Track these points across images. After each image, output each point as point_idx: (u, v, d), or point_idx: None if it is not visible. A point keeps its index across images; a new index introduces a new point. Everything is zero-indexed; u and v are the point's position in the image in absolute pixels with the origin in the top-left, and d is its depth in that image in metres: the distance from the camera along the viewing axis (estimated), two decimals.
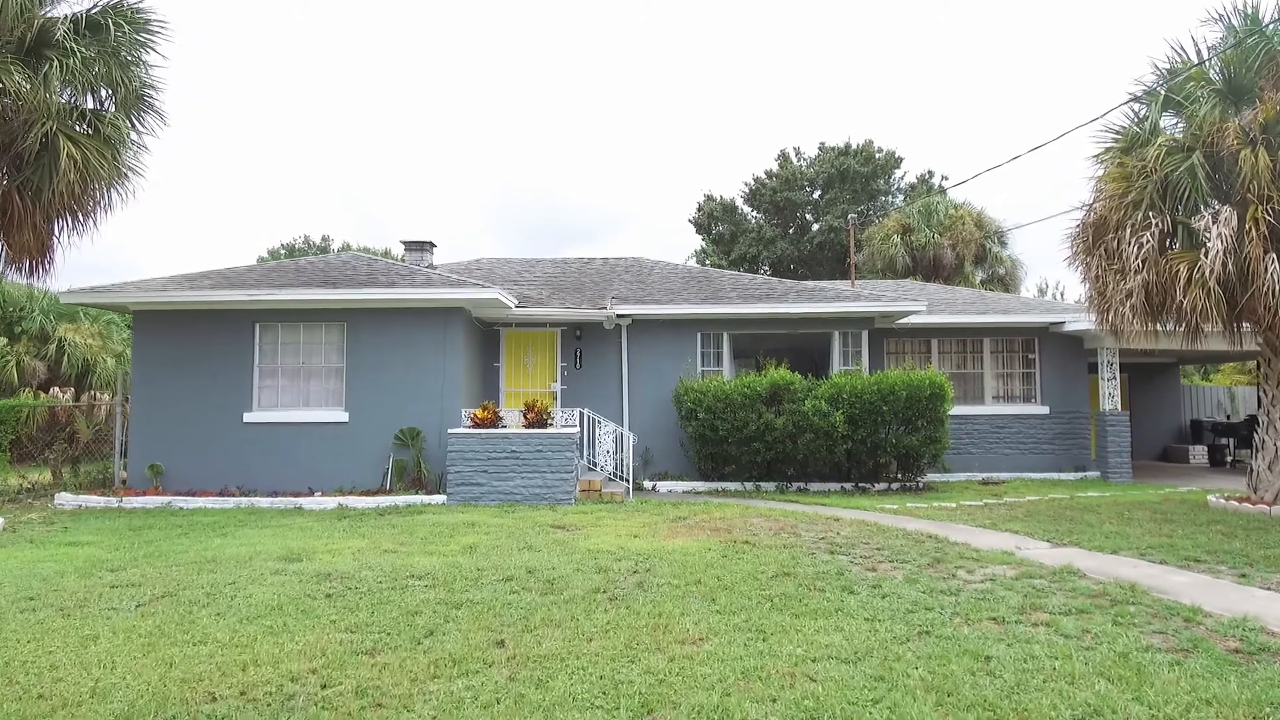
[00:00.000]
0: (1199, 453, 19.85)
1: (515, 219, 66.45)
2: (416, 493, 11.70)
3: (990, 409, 15.92)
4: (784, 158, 36.44)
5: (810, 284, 16.01)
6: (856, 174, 33.76)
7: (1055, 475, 15.34)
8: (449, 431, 11.49)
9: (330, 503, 11.35)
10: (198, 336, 12.34)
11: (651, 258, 18.28)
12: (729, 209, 37.17)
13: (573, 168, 69.45)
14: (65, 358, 20.25)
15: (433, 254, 16.25)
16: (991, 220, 27.16)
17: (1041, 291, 32.77)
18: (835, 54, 63.22)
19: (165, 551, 8.04)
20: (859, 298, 14.22)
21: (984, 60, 62.48)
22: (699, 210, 37.89)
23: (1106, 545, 8.49)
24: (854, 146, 34.72)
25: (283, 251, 42.33)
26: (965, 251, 26.01)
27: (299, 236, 44.52)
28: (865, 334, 14.34)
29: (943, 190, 30.07)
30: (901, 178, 35.39)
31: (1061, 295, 32.48)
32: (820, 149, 35.73)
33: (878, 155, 34.48)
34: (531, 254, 19.03)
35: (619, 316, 14.01)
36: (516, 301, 13.31)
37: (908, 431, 12.81)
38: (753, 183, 36.57)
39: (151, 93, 10.67)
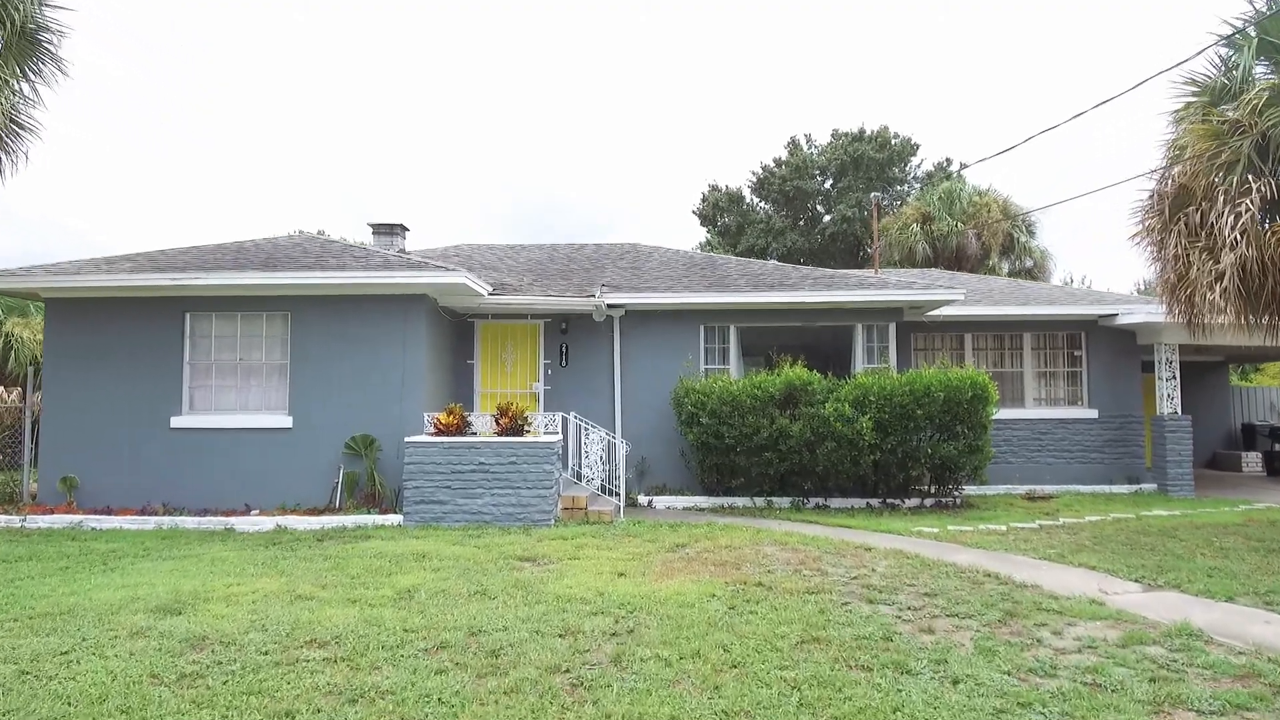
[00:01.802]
0: (1253, 460, 18.00)
1: (518, 218, 64.68)
2: (369, 511, 9.97)
3: (1031, 412, 14.09)
4: (794, 145, 34.57)
5: (829, 271, 14.21)
6: (871, 160, 31.83)
7: (1107, 488, 13.51)
8: (406, 440, 9.76)
9: (267, 523, 9.63)
10: (119, 328, 10.63)
11: (649, 243, 16.49)
12: (735, 199, 35.31)
13: (575, 165, 67.76)
14: (13, 355, 18.56)
15: (404, 238, 14.54)
16: (1018, 207, 25.22)
17: (1066, 284, 30.86)
18: (845, 40, 61.34)
19: (18, 597, 6.31)
20: (886, 285, 12.40)
21: (1002, 45, 60.51)
22: (704, 201, 36.03)
23: (1216, 589, 6.69)
24: (868, 132, 32.82)
25: None
26: (992, 241, 24.10)
27: (294, 232, 42.82)
28: (892, 327, 12.53)
29: (960, 175, 28.17)
30: (918, 165, 33.46)
31: (1089, 288, 30.55)
32: (833, 135, 33.85)
33: (894, 141, 32.58)
34: None
35: (610, 306, 12.23)
36: (491, 288, 11.55)
37: (945, 439, 11.00)
38: (761, 171, 34.69)
39: (49, 37, 8.93)
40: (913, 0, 60.67)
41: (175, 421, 10.49)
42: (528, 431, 10.27)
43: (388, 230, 14.26)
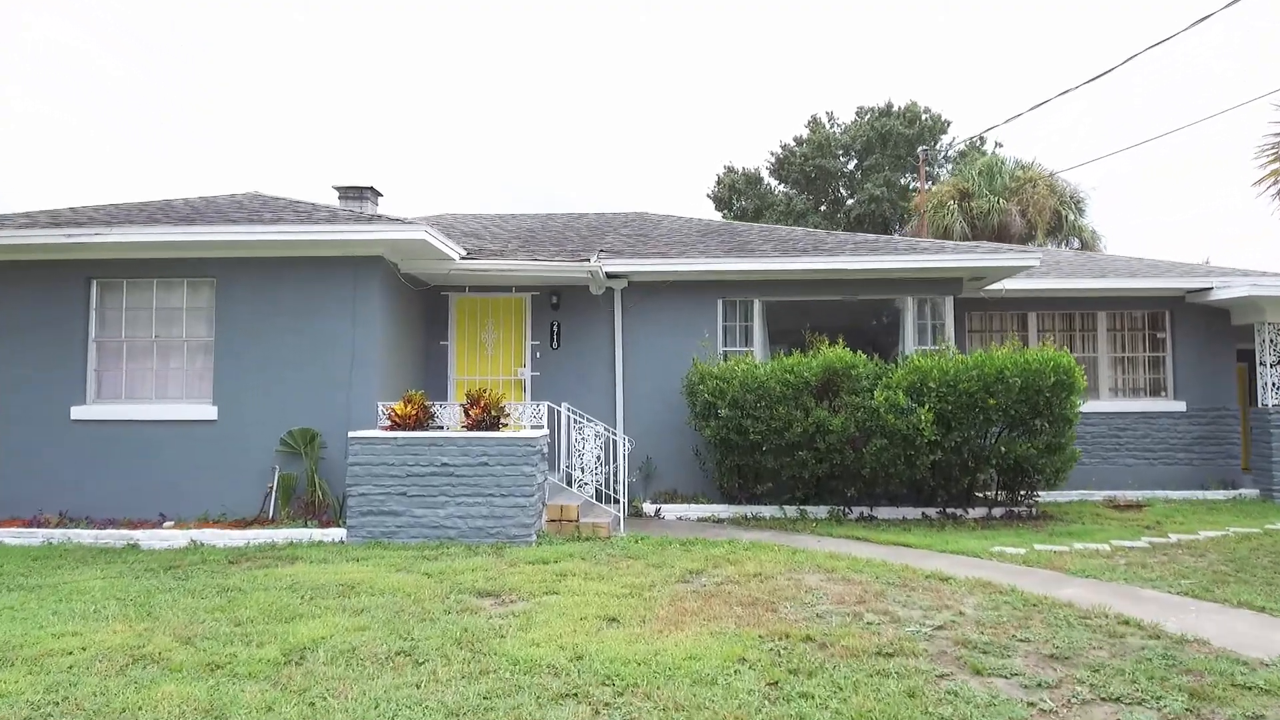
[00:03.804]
0: None
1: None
2: (308, 524, 8.03)
3: (1108, 405, 11.96)
4: (815, 123, 32.37)
5: (872, 235, 12.12)
6: (900, 136, 29.58)
7: (1200, 494, 11.36)
8: (351, 435, 7.82)
9: (180, 538, 7.74)
10: (12, 299, 8.77)
11: (659, 211, 14.48)
12: (753, 180, 33.17)
13: (575, 162, 65.76)
14: None
15: (376, 204, 12.58)
16: (1065, 183, 22.99)
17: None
18: (867, 16, 58.94)
19: None
20: (943, 250, 10.32)
21: (1037, 22, 57.90)
22: (719, 183, 33.89)
23: None
24: (896, 108, 30.59)
25: None
26: (1038, 218, 21.90)
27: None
28: (949, 301, 10.45)
29: (996, 153, 25.91)
30: (950, 144, 31.18)
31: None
32: (858, 112, 31.62)
33: (924, 117, 30.34)
34: None
35: (610, 276, 10.24)
36: (464, 251, 9.59)
37: (1021, 435, 8.94)
38: (780, 151, 32.53)
39: None
40: None
41: (76, 412, 8.59)
42: (505, 424, 8.30)
43: (356, 194, 12.31)
